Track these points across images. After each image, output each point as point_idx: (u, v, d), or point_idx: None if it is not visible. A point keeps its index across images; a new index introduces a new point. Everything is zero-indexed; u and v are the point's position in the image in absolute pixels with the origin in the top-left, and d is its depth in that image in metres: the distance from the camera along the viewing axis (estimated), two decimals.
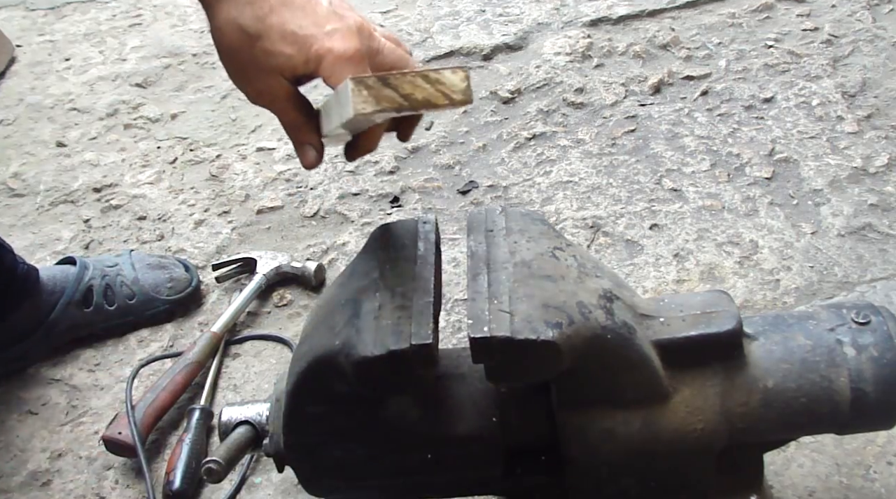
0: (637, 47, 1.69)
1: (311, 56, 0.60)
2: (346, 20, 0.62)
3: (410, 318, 0.61)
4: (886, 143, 1.37)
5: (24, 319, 1.12)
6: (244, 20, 0.61)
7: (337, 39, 0.60)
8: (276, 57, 0.61)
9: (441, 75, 0.53)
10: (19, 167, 1.58)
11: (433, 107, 0.53)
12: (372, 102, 0.52)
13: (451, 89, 0.53)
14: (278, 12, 0.60)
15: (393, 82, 0.52)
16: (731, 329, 0.66)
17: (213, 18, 0.63)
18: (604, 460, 0.67)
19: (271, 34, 0.60)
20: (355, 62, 0.60)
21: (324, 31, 0.60)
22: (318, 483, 0.71)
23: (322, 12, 0.61)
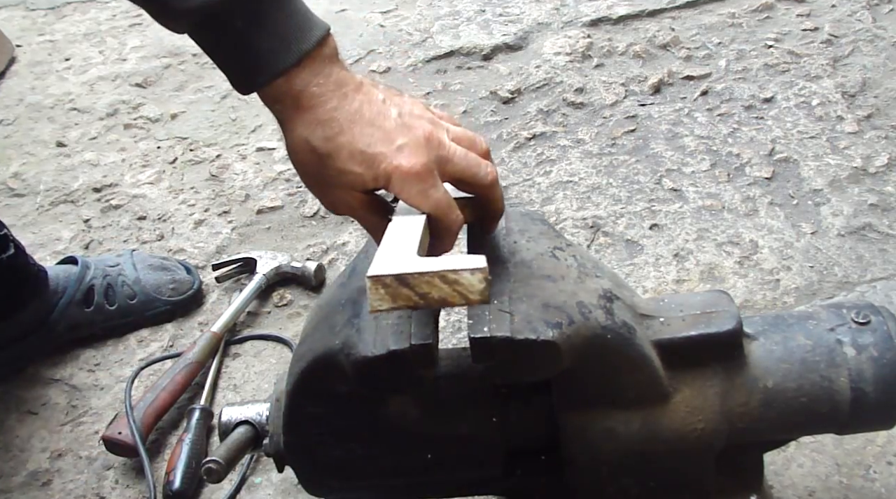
0: (637, 47, 1.69)
1: (380, 174, 0.60)
2: (415, 131, 0.61)
3: (410, 318, 0.61)
4: (886, 143, 1.37)
5: (25, 318, 1.12)
6: (314, 140, 0.61)
7: (404, 156, 0.60)
8: (346, 175, 0.61)
9: (460, 277, 0.52)
10: (19, 167, 1.58)
11: (449, 305, 0.53)
12: (388, 301, 0.52)
13: (469, 290, 0.52)
14: (348, 131, 0.61)
15: (410, 282, 0.51)
16: (731, 329, 0.66)
17: (287, 134, 0.64)
18: (604, 460, 0.67)
19: (340, 154, 0.61)
20: (422, 177, 0.60)
21: (392, 147, 0.60)
22: (318, 483, 0.71)
23: (390, 127, 0.61)
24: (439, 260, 0.53)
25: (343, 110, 0.61)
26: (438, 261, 0.53)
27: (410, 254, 0.55)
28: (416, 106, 0.65)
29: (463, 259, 0.53)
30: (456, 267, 0.52)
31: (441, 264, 0.52)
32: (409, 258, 0.54)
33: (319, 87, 0.62)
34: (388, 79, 1.71)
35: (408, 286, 0.52)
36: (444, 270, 0.52)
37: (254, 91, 0.64)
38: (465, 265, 0.52)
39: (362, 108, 0.62)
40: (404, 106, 0.64)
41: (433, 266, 0.52)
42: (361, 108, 0.62)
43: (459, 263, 0.52)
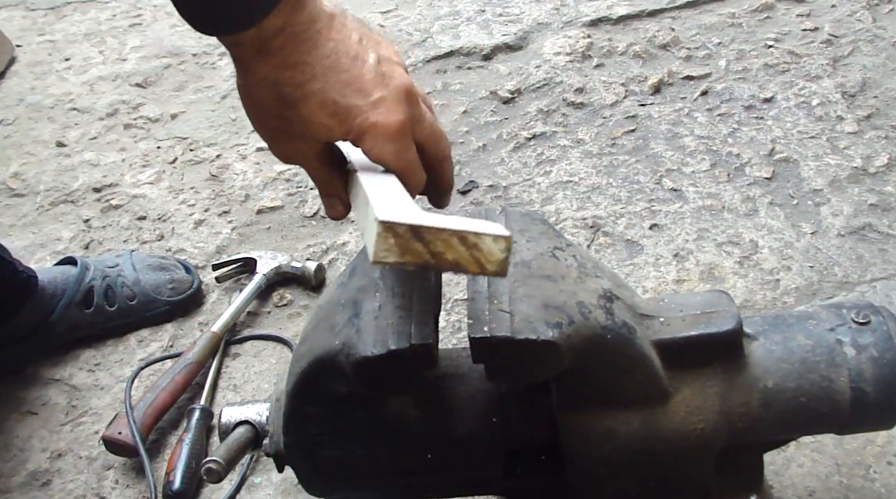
0: (637, 47, 1.69)
1: (353, 128, 0.55)
2: (394, 83, 0.56)
3: (410, 318, 0.61)
4: (886, 143, 1.37)
5: (24, 319, 1.12)
6: (282, 86, 0.54)
7: (382, 112, 0.55)
8: (313, 126, 0.56)
9: (481, 241, 0.46)
10: (19, 167, 1.58)
11: (460, 270, 0.47)
12: (396, 253, 0.46)
13: (487, 258, 0.46)
14: (320, 78, 0.54)
15: (426, 236, 0.45)
16: (731, 329, 0.66)
17: (245, 76, 0.56)
18: (604, 460, 0.67)
19: (309, 102, 0.55)
20: (399, 137, 0.55)
21: (369, 100, 0.55)
22: (318, 483, 0.71)
23: (368, 75, 0.55)
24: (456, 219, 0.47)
25: (315, 53, 0.54)
26: (456, 220, 0.47)
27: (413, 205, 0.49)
28: (390, 47, 0.59)
29: (484, 223, 0.47)
30: (479, 230, 0.46)
31: (461, 224, 0.46)
32: (417, 211, 0.48)
33: (291, 28, 0.54)
34: None
35: (422, 241, 0.45)
36: (465, 231, 0.46)
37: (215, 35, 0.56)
38: (489, 230, 0.46)
39: (337, 50, 0.55)
40: (381, 49, 0.58)
41: (453, 223, 0.46)
42: (337, 51, 0.55)
43: (482, 226, 0.47)
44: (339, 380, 0.62)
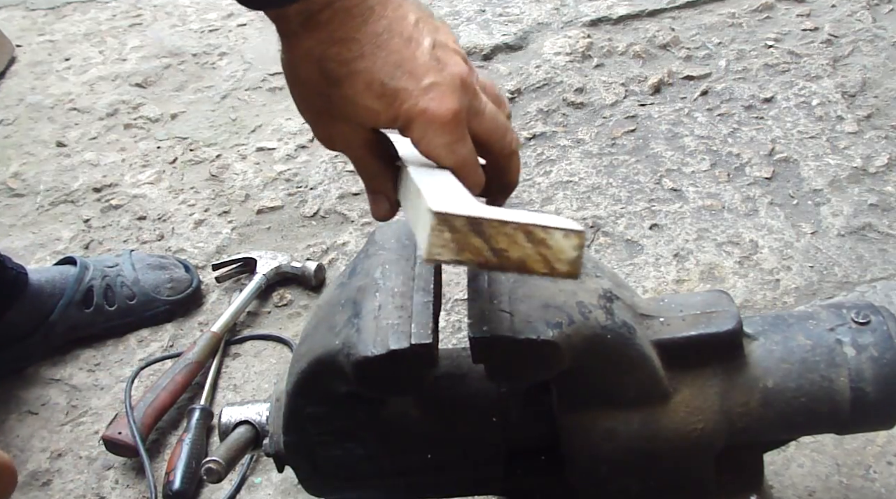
0: (637, 47, 1.69)
1: (401, 115, 0.50)
2: (449, 70, 0.51)
3: (410, 318, 0.61)
4: (886, 143, 1.37)
5: (23, 319, 1.12)
6: (327, 61, 0.51)
7: (433, 98, 0.50)
8: (358, 109, 0.51)
9: (550, 236, 0.41)
10: (19, 167, 1.58)
11: (525, 271, 0.41)
12: (452, 250, 0.40)
13: (557, 256, 0.41)
14: (369, 56, 0.50)
15: (487, 231, 0.40)
16: (731, 329, 0.66)
17: (290, 50, 0.53)
18: (604, 460, 0.67)
19: (355, 82, 0.50)
20: (451, 128, 0.50)
21: (420, 85, 0.50)
22: (318, 483, 0.71)
23: (422, 59, 0.51)
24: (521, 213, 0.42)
25: (365, 30, 0.50)
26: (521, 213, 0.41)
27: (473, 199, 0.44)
28: (450, 35, 0.55)
29: (553, 217, 0.42)
30: (548, 224, 0.41)
31: (528, 217, 0.41)
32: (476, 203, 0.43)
33: (341, 3, 0.50)
34: None
35: (482, 236, 0.40)
36: (532, 224, 0.40)
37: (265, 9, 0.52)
38: (560, 224, 0.41)
39: (391, 29, 0.51)
40: (439, 34, 0.53)
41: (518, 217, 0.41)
42: (390, 30, 0.51)
43: (552, 220, 0.41)
44: (339, 380, 0.62)
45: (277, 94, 1.71)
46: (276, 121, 1.62)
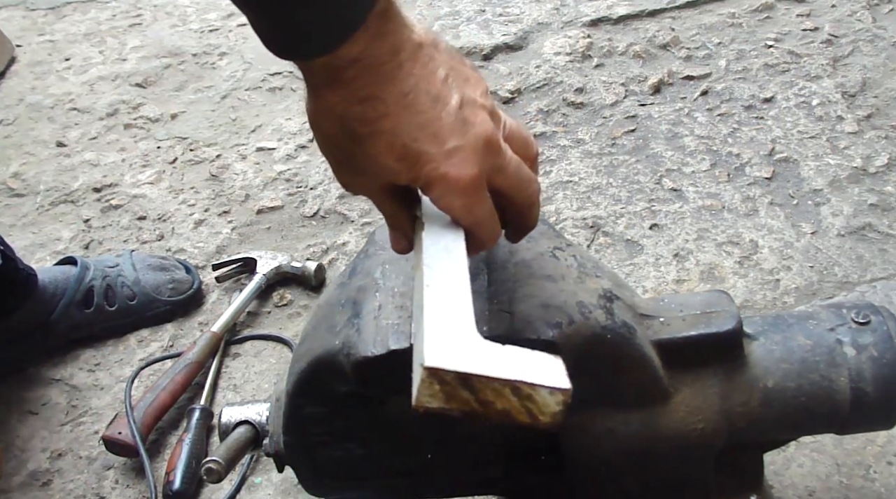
0: (637, 47, 1.69)
1: (421, 177, 0.50)
2: (474, 132, 0.50)
3: (410, 318, 0.61)
4: (886, 143, 1.37)
5: (24, 319, 1.12)
6: (349, 119, 0.50)
7: (454, 163, 0.49)
8: (379, 167, 0.51)
9: (536, 392, 0.43)
10: (19, 167, 1.58)
11: (509, 420, 0.43)
12: (440, 399, 0.42)
13: (541, 410, 0.43)
14: (394, 116, 0.49)
15: (476, 385, 0.42)
16: (731, 329, 0.66)
17: (314, 101, 0.52)
18: (604, 460, 0.67)
19: (378, 142, 0.50)
20: (470, 192, 0.50)
21: (443, 149, 0.49)
22: (318, 483, 0.71)
23: (447, 120, 0.50)
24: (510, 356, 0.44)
25: (391, 90, 0.49)
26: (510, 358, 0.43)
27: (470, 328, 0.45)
28: (479, 86, 0.54)
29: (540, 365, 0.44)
30: (534, 380, 0.43)
31: (514, 369, 0.43)
32: (471, 340, 0.44)
33: (368, 60, 0.49)
34: None
35: (470, 389, 0.42)
36: (518, 381, 0.42)
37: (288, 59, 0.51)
38: (544, 380, 0.43)
39: (418, 88, 0.50)
40: (468, 88, 0.52)
41: (505, 370, 0.42)
42: (417, 89, 0.50)
43: (537, 372, 0.43)
44: (339, 380, 0.62)
45: (277, 94, 1.71)
46: (276, 121, 1.62)
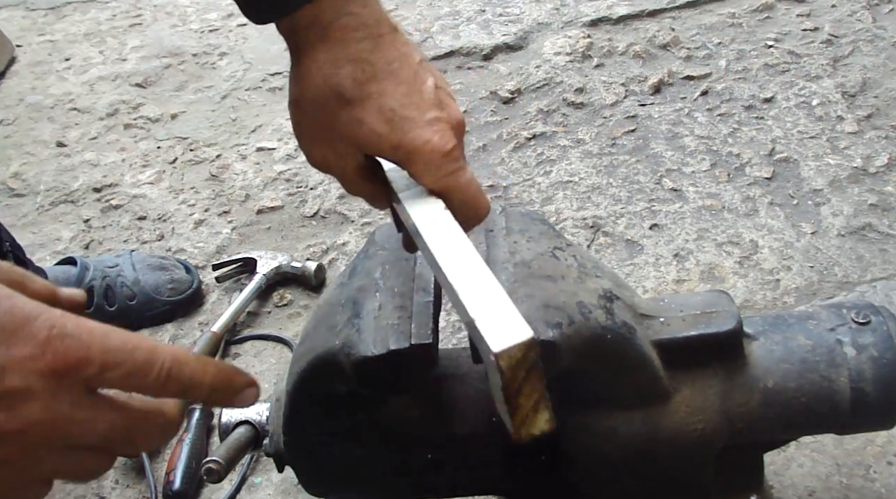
0: (637, 47, 1.69)
1: (405, 143, 0.51)
2: (449, 110, 0.53)
3: (410, 318, 0.61)
4: (886, 143, 1.37)
5: None
6: (340, 78, 0.51)
7: (437, 131, 0.51)
8: (363, 131, 0.52)
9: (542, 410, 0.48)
10: (19, 167, 1.58)
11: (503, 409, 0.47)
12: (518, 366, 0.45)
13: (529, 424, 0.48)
14: (382, 81, 0.51)
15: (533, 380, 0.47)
16: (731, 329, 0.66)
17: (302, 64, 0.53)
18: (604, 460, 0.67)
19: (367, 104, 0.51)
20: (454, 159, 0.52)
21: (425, 117, 0.51)
22: (318, 483, 0.71)
23: (427, 94, 0.52)
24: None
25: (378, 55, 0.52)
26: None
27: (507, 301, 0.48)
28: (444, 82, 0.56)
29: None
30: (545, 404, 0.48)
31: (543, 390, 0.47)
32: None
33: (354, 19, 0.51)
34: None
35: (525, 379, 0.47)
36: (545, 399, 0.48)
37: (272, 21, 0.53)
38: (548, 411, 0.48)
39: (401, 59, 0.52)
40: (437, 77, 0.55)
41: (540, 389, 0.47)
42: (401, 61, 0.52)
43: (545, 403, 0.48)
44: (339, 380, 0.62)
45: (277, 94, 1.71)
46: (276, 121, 1.62)
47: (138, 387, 0.41)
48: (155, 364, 0.41)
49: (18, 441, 0.38)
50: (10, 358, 0.37)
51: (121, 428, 0.41)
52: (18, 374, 0.37)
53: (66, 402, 0.39)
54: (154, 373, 0.41)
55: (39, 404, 0.38)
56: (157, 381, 0.41)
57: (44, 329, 0.38)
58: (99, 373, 0.39)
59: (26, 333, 0.38)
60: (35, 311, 0.38)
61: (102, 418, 0.40)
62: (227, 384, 0.45)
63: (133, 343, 0.40)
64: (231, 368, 0.46)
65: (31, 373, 0.37)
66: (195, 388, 0.43)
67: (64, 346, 0.38)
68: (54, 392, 0.38)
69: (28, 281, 0.44)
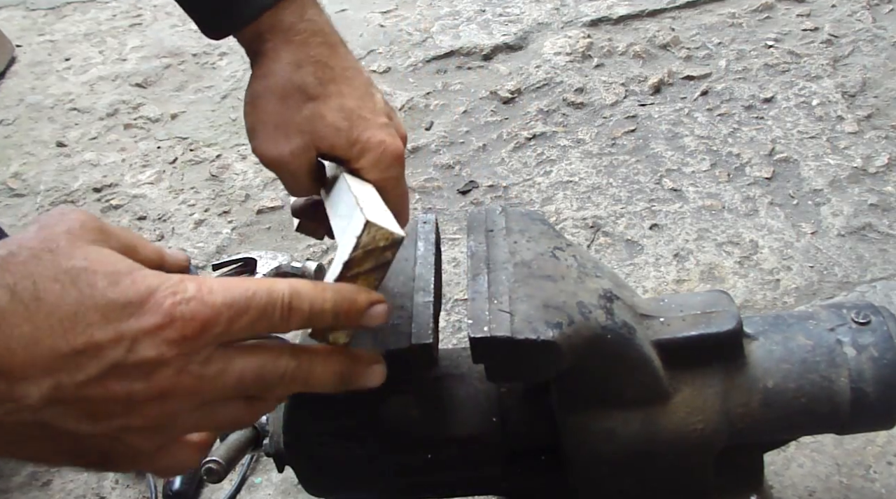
0: (637, 47, 1.69)
1: (361, 140, 0.55)
2: (397, 123, 0.58)
3: (410, 318, 0.61)
4: (886, 143, 1.37)
5: None
6: (304, 76, 0.55)
7: (390, 134, 0.56)
8: (324, 125, 0.55)
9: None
10: (19, 167, 1.58)
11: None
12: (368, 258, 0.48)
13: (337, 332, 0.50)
14: (340, 83, 0.55)
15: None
16: (731, 329, 0.66)
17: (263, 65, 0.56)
18: (604, 460, 0.67)
19: (329, 100, 0.55)
20: (400, 164, 0.56)
21: (378, 121, 0.56)
22: (318, 483, 0.71)
23: (379, 104, 0.57)
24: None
25: (336, 60, 0.56)
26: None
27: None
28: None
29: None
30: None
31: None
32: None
33: (312, 24, 0.56)
34: (388, 79, 1.71)
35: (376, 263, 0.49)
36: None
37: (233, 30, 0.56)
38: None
39: (354, 69, 0.57)
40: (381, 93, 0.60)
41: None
42: (354, 69, 0.57)
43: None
44: None
45: None
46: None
47: (267, 329, 0.43)
48: (276, 303, 0.43)
49: (157, 406, 0.40)
50: (141, 329, 0.39)
51: (253, 374, 0.43)
52: (151, 344, 0.39)
53: (197, 362, 0.41)
54: (277, 312, 0.43)
55: (172, 370, 0.40)
56: (282, 317, 0.43)
57: (168, 297, 0.40)
58: (227, 328, 0.41)
59: (152, 303, 0.39)
60: (156, 281, 0.40)
61: (232, 369, 0.42)
62: (350, 305, 0.46)
63: (252, 289, 0.42)
64: (349, 287, 0.47)
65: (162, 342, 0.39)
66: (318, 315, 0.45)
67: (190, 310, 0.40)
68: (187, 356, 0.40)
69: (140, 246, 0.46)
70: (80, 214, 0.42)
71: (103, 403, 0.39)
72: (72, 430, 0.39)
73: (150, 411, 0.40)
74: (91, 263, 0.39)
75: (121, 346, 0.38)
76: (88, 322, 0.38)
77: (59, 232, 0.40)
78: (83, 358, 0.38)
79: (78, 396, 0.38)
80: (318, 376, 0.48)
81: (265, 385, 0.45)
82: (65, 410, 0.39)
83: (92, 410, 0.39)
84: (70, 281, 0.38)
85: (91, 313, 0.38)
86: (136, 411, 0.40)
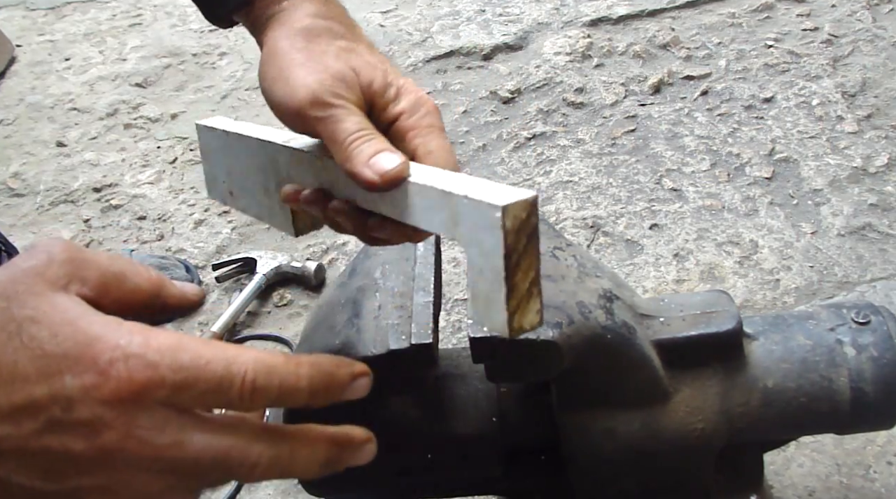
0: (637, 47, 1.69)
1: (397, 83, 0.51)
2: None
3: (410, 318, 0.61)
4: (886, 142, 1.37)
5: None
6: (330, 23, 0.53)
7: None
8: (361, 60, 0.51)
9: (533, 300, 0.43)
10: (19, 167, 1.58)
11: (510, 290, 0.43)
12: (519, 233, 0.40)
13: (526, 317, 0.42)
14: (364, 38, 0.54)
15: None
16: (731, 329, 0.66)
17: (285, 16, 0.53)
18: (604, 460, 0.67)
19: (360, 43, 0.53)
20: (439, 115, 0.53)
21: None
22: (317, 483, 0.71)
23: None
24: None
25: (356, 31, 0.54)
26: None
27: None
28: None
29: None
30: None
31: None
32: None
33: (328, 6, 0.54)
34: None
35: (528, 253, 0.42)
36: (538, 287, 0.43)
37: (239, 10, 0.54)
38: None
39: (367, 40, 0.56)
40: None
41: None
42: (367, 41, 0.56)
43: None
44: None
45: None
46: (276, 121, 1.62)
47: (223, 404, 0.38)
48: (235, 377, 0.37)
49: (106, 469, 0.37)
50: (74, 387, 0.35)
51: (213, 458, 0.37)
52: (86, 404, 0.35)
53: (145, 428, 0.36)
54: (236, 387, 0.37)
55: (115, 433, 0.36)
56: (242, 395, 0.37)
57: (106, 352, 0.36)
58: (172, 394, 0.36)
59: (88, 358, 0.36)
60: (99, 332, 0.36)
61: (190, 445, 0.37)
62: (330, 382, 0.41)
63: (207, 356, 0.37)
64: (329, 360, 0.42)
65: (96, 402, 0.35)
66: (289, 394, 0.39)
67: (127, 369, 0.36)
68: (130, 417, 0.36)
69: (130, 275, 0.42)
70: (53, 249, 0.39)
71: (49, 460, 0.36)
72: (27, 486, 0.37)
73: (99, 472, 0.37)
74: (38, 312, 0.36)
75: (57, 405, 0.35)
76: (25, 377, 0.35)
77: (23, 274, 0.38)
78: (22, 415, 0.35)
79: (25, 450, 0.36)
80: (299, 466, 0.41)
81: (230, 473, 0.38)
82: (17, 465, 0.36)
83: (42, 466, 0.36)
84: (16, 332, 0.36)
85: (29, 368, 0.35)
86: (86, 472, 0.36)
